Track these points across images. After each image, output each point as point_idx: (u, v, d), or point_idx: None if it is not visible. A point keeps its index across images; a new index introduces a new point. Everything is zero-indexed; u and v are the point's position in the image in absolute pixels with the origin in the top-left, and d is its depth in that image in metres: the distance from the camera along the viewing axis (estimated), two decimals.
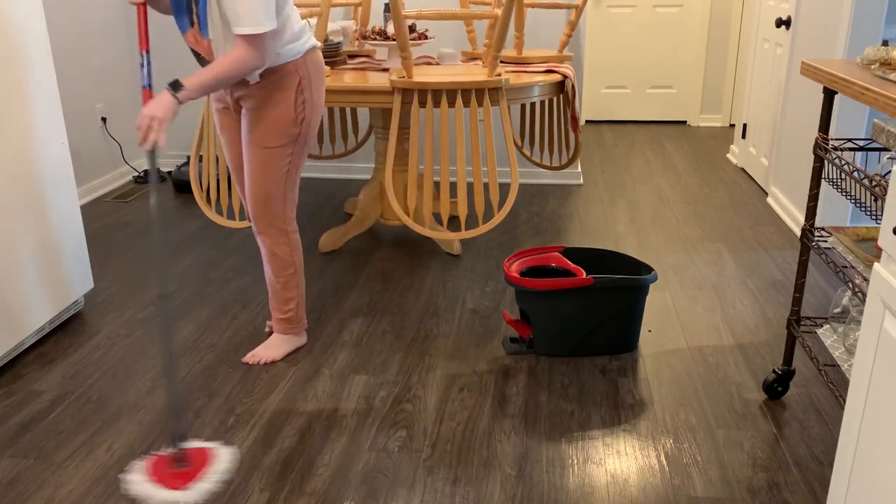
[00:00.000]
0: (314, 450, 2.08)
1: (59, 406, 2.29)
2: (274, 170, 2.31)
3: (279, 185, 2.33)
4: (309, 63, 2.27)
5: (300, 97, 2.25)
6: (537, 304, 2.50)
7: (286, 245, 2.43)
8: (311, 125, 2.33)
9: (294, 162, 2.33)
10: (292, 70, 2.23)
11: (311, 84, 2.27)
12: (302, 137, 2.31)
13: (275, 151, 2.28)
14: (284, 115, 2.25)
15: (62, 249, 2.70)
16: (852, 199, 1.87)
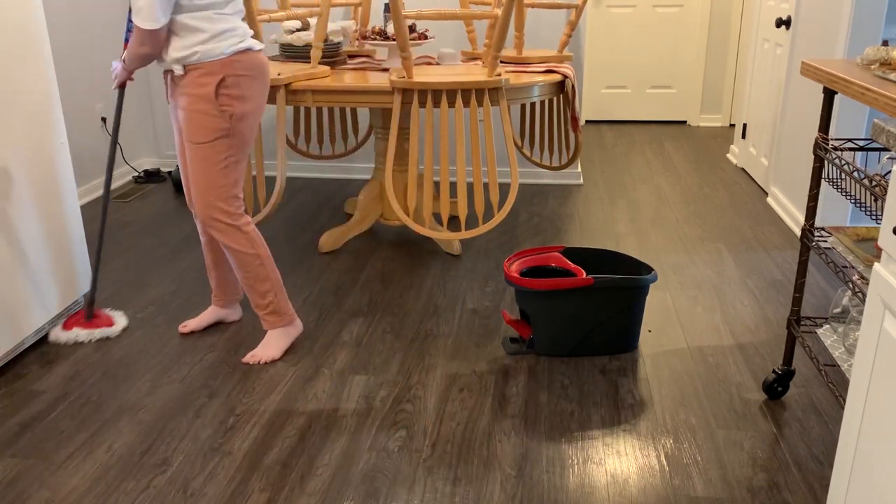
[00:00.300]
0: (314, 450, 2.08)
1: (59, 406, 2.29)
2: (208, 165, 2.36)
3: (215, 180, 2.38)
4: (237, 63, 2.31)
5: (223, 93, 2.30)
6: (537, 304, 2.50)
7: (241, 238, 2.45)
8: (244, 122, 2.36)
9: (231, 159, 2.37)
10: (215, 69, 2.28)
11: (240, 83, 2.32)
12: (235, 134, 2.35)
13: (206, 147, 2.34)
14: (207, 112, 2.30)
15: (62, 249, 2.70)
16: (852, 199, 1.87)
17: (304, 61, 3.37)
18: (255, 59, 2.36)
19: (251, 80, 2.35)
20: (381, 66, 3.44)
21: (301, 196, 4.26)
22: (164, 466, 2.02)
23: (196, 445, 2.10)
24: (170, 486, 1.94)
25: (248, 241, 2.45)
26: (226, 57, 2.28)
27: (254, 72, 2.36)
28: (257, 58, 2.37)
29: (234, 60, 2.30)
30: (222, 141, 2.34)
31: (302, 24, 3.45)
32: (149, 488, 1.93)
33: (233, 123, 2.33)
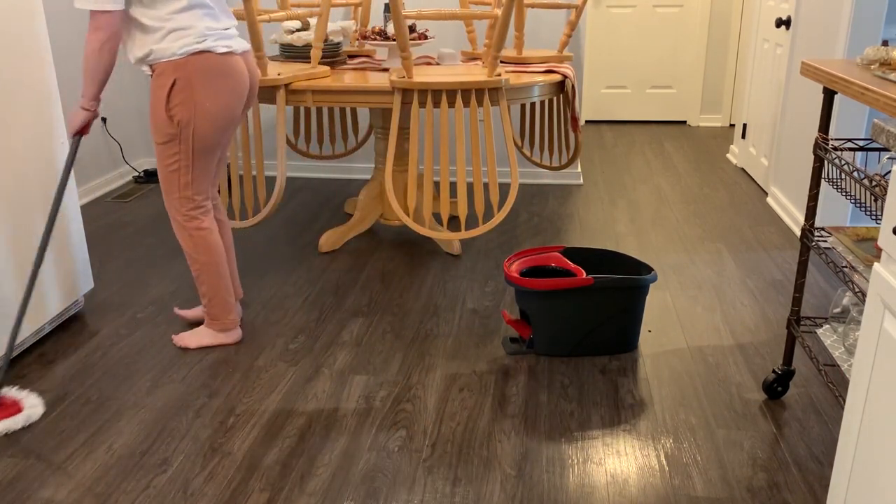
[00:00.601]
0: (314, 450, 2.08)
1: (59, 406, 2.29)
2: (162, 164, 2.38)
3: (167, 180, 2.40)
4: (192, 66, 2.23)
5: (174, 98, 2.25)
6: (537, 304, 2.50)
7: (187, 238, 2.48)
8: (195, 130, 2.30)
9: (180, 163, 2.36)
10: (167, 70, 2.22)
11: (191, 87, 2.24)
12: (183, 140, 2.31)
13: (160, 148, 2.36)
14: (158, 114, 2.29)
15: (62, 250, 2.70)
16: (852, 199, 1.87)
17: (304, 61, 3.37)
18: (214, 61, 2.25)
19: (205, 85, 2.25)
20: (381, 66, 3.44)
21: (301, 196, 4.26)
22: (164, 466, 2.02)
23: (196, 445, 2.10)
24: (170, 486, 1.94)
25: (193, 245, 2.48)
26: (178, 58, 2.21)
27: (209, 76, 2.25)
28: (217, 60, 2.25)
29: (187, 62, 2.21)
30: (170, 145, 2.32)
31: (302, 24, 3.45)
32: (149, 488, 1.93)
33: (179, 129, 2.29)
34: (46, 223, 2.32)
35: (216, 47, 2.25)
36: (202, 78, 2.25)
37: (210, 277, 2.52)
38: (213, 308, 2.56)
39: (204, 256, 2.49)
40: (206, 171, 2.43)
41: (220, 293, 2.55)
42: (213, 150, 2.39)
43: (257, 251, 3.47)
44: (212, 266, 2.51)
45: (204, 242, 2.48)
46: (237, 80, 2.33)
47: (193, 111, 2.27)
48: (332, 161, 4.56)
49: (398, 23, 2.79)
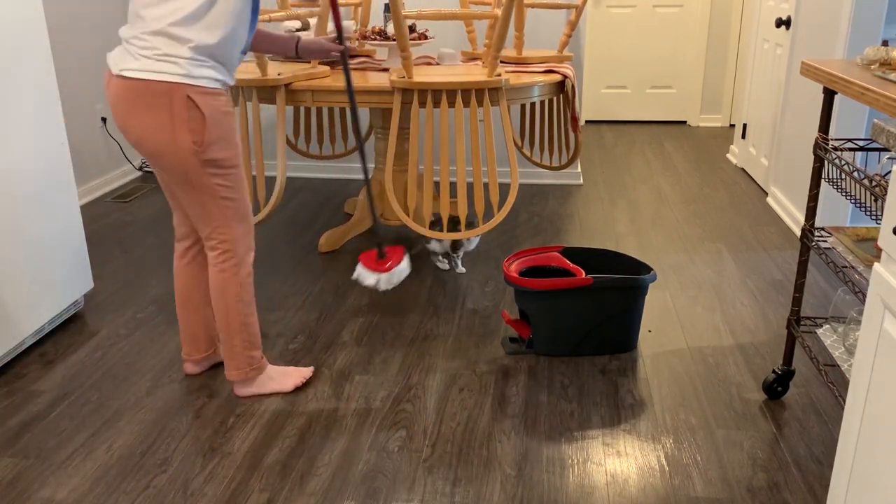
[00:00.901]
0: (314, 450, 2.08)
1: (59, 406, 2.29)
2: None
3: None
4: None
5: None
6: (537, 304, 2.50)
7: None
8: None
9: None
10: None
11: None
12: None
13: None
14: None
15: (62, 249, 2.70)
16: (852, 199, 1.87)
17: (304, 61, 3.37)
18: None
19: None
20: (381, 66, 3.44)
21: (301, 196, 4.26)
22: (164, 466, 2.02)
23: (196, 445, 2.10)
24: (170, 486, 1.94)
25: None
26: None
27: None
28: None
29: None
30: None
31: (302, 24, 3.45)
32: (149, 488, 1.93)
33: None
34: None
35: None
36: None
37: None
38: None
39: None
40: (169, 201, 2.29)
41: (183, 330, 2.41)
42: (160, 177, 2.19)
43: (257, 251, 3.47)
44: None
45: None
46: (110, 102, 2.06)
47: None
48: (332, 161, 4.56)
49: (398, 23, 2.79)
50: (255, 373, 2.30)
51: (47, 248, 2.62)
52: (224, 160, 2.08)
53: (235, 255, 2.19)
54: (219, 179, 2.09)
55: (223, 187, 2.10)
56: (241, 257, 2.20)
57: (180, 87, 1.96)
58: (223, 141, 2.06)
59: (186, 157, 2.02)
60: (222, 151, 2.06)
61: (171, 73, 1.95)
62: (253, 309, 2.27)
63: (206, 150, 2.03)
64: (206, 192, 2.09)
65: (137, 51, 1.98)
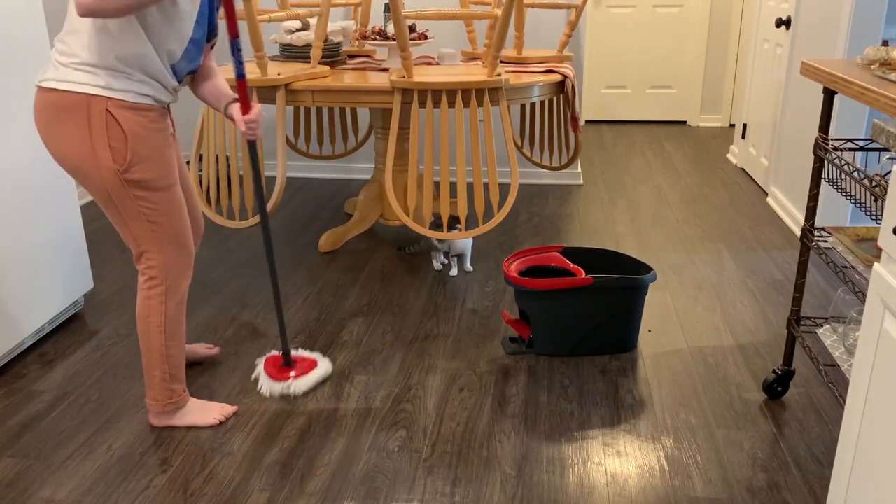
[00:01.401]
0: (314, 450, 2.08)
1: (59, 406, 2.29)
2: None
3: None
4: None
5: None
6: (537, 304, 2.50)
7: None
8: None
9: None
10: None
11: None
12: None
13: None
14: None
15: (62, 249, 2.70)
16: (852, 199, 1.87)
17: (304, 61, 3.37)
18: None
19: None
20: (381, 66, 3.44)
21: (301, 196, 4.26)
22: (164, 466, 2.01)
23: (196, 445, 2.10)
24: (170, 486, 1.94)
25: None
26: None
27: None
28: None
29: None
30: None
31: (302, 24, 3.45)
32: (149, 488, 1.93)
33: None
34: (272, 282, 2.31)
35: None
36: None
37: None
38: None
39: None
40: None
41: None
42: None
43: (257, 251, 3.47)
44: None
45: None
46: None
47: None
48: (332, 161, 4.56)
49: (398, 23, 2.79)
50: (173, 406, 2.15)
51: (47, 248, 2.62)
52: (150, 181, 1.92)
53: (163, 283, 2.03)
54: (145, 202, 1.94)
55: (150, 210, 1.95)
56: (171, 285, 2.04)
57: (98, 100, 1.83)
58: (149, 161, 1.91)
59: (107, 177, 1.88)
60: (148, 172, 1.91)
61: (88, 83, 1.83)
62: (178, 341, 2.11)
63: (129, 170, 1.89)
64: (130, 215, 1.95)
65: (57, 57, 1.87)
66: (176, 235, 2.02)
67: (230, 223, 3.23)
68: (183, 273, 2.07)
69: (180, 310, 2.09)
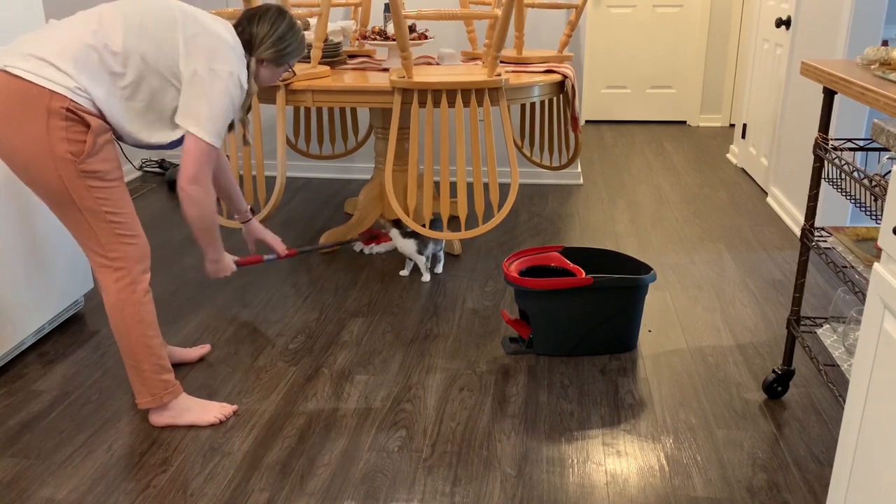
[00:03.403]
0: (314, 450, 2.08)
1: (59, 406, 2.29)
2: None
3: None
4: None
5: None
6: (537, 303, 2.50)
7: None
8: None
9: None
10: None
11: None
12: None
13: None
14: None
15: (62, 249, 2.70)
16: (852, 199, 1.87)
17: (304, 61, 3.37)
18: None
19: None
20: (381, 66, 3.44)
21: (301, 196, 4.26)
22: (164, 466, 2.01)
23: (196, 445, 2.10)
24: (170, 486, 1.94)
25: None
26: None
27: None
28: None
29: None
30: None
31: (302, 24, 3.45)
32: (149, 488, 1.93)
33: None
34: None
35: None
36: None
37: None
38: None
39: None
40: None
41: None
42: (33, 191, 2.02)
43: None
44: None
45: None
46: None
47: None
48: (332, 161, 4.56)
49: (398, 23, 2.79)
50: (171, 396, 2.15)
51: (47, 248, 2.62)
52: (105, 172, 1.94)
53: (129, 274, 2.04)
54: (100, 193, 1.94)
55: (106, 202, 1.96)
56: (136, 276, 2.06)
57: (59, 98, 1.83)
58: (104, 152, 1.93)
59: (64, 168, 1.87)
60: (104, 163, 1.93)
61: (56, 81, 1.83)
62: (155, 331, 2.11)
63: (86, 160, 1.89)
64: (89, 211, 1.94)
65: (30, 51, 1.85)
66: (132, 227, 2.04)
67: (230, 223, 3.23)
68: (144, 263, 2.08)
69: (149, 298, 2.10)
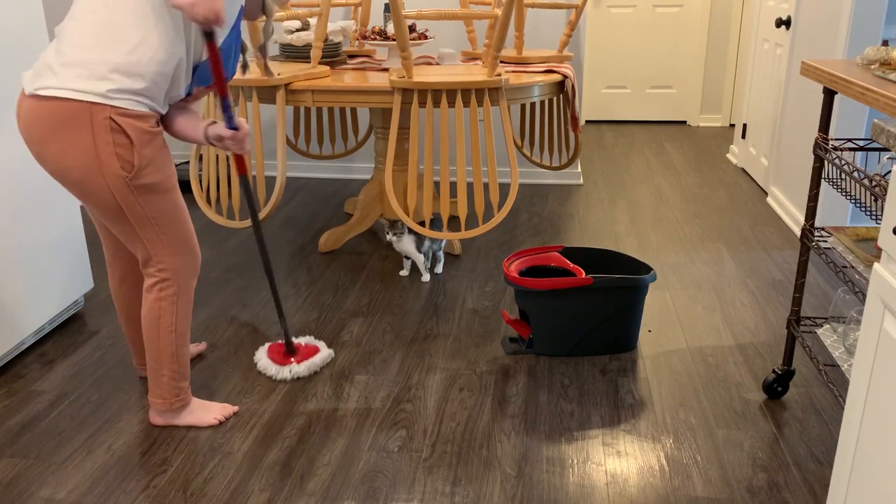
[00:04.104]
0: (314, 450, 2.08)
1: (59, 406, 2.29)
2: None
3: None
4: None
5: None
6: (537, 303, 2.50)
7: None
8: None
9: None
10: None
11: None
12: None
13: None
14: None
15: (62, 249, 2.70)
16: (852, 199, 1.87)
17: (304, 61, 3.37)
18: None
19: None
20: (381, 66, 3.44)
21: (301, 196, 4.26)
22: (164, 466, 2.02)
23: (196, 445, 2.10)
24: (170, 486, 1.94)
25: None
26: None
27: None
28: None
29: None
30: None
31: (302, 24, 3.45)
32: (149, 488, 1.93)
33: None
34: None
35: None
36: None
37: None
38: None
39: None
40: (99, 231, 2.17)
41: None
42: (84, 204, 1.96)
43: (257, 251, 3.47)
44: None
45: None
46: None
47: None
48: (332, 161, 4.56)
49: (398, 23, 2.79)
50: (180, 404, 2.15)
51: (47, 248, 2.62)
52: (158, 184, 1.92)
53: (175, 284, 2.03)
54: (153, 207, 1.92)
55: (159, 214, 1.94)
56: (182, 286, 2.05)
57: (100, 108, 1.79)
58: (154, 164, 1.90)
59: (117, 187, 1.85)
60: (155, 175, 1.90)
61: (90, 91, 1.78)
62: (187, 340, 2.12)
63: (137, 175, 1.87)
64: (140, 222, 1.93)
65: (57, 66, 1.80)
66: (185, 238, 2.02)
67: (230, 223, 3.23)
68: (193, 274, 2.07)
69: (189, 310, 2.10)
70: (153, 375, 2.12)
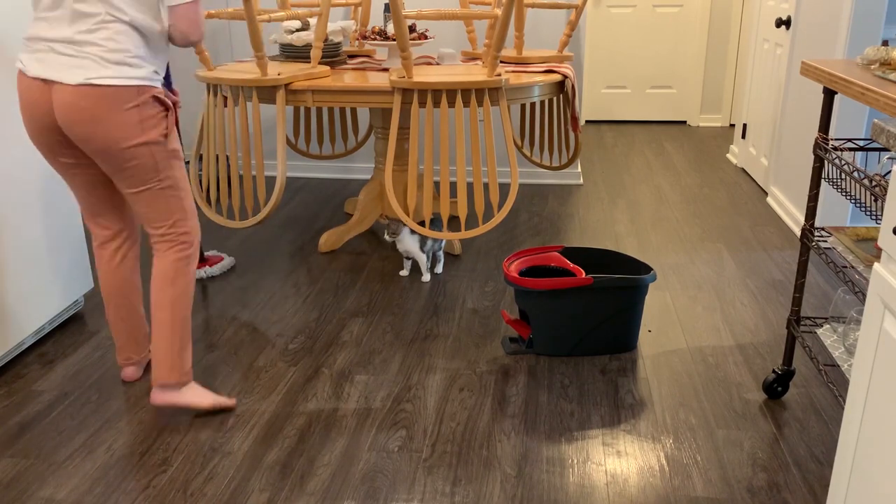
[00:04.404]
0: (314, 450, 2.08)
1: (59, 406, 2.29)
2: None
3: None
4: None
5: None
6: (537, 303, 2.50)
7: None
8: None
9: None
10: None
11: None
12: None
13: None
14: None
15: (62, 249, 2.70)
16: (852, 199, 1.87)
17: (304, 61, 3.37)
18: (18, 77, 2.02)
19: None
20: (381, 66, 3.44)
21: (301, 196, 4.26)
22: (164, 466, 2.02)
23: (196, 445, 2.10)
24: (170, 486, 1.94)
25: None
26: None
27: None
28: (19, 81, 2.01)
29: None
30: None
31: (302, 24, 3.45)
32: (149, 488, 1.93)
33: None
34: None
35: (21, 66, 2.00)
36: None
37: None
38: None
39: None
40: (77, 194, 2.22)
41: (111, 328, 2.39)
42: (63, 173, 2.15)
43: (257, 251, 3.47)
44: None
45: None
46: (25, 107, 2.01)
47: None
48: (332, 161, 4.56)
49: (398, 23, 2.79)
50: (187, 378, 2.20)
51: (47, 248, 2.62)
52: (178, 151, 2.15)
53: (192, 245, 2.19)
54: (177, 171, 2.13)
55: (182, 180, 2.16)
56: (194, 252, 2.21)
57: (148, 89, 2.02)
58: (174, 133, 2.13)
59: (157, 149, 2.06)
60: (175, 143, 2.14)
61: (139, 77, 2.00)
62: (190, 309, 2.24)
63: (169, 140, 2.09)
64: (171, 186, 2.13)
65: (102, 54, 1.94)
66: (192, 201, 2.23)
67: (230, 223, 3.23)
68: (199, 240, 2.25)
69: (195, 275, 2.25)
70: (165, 348, 2.16)
